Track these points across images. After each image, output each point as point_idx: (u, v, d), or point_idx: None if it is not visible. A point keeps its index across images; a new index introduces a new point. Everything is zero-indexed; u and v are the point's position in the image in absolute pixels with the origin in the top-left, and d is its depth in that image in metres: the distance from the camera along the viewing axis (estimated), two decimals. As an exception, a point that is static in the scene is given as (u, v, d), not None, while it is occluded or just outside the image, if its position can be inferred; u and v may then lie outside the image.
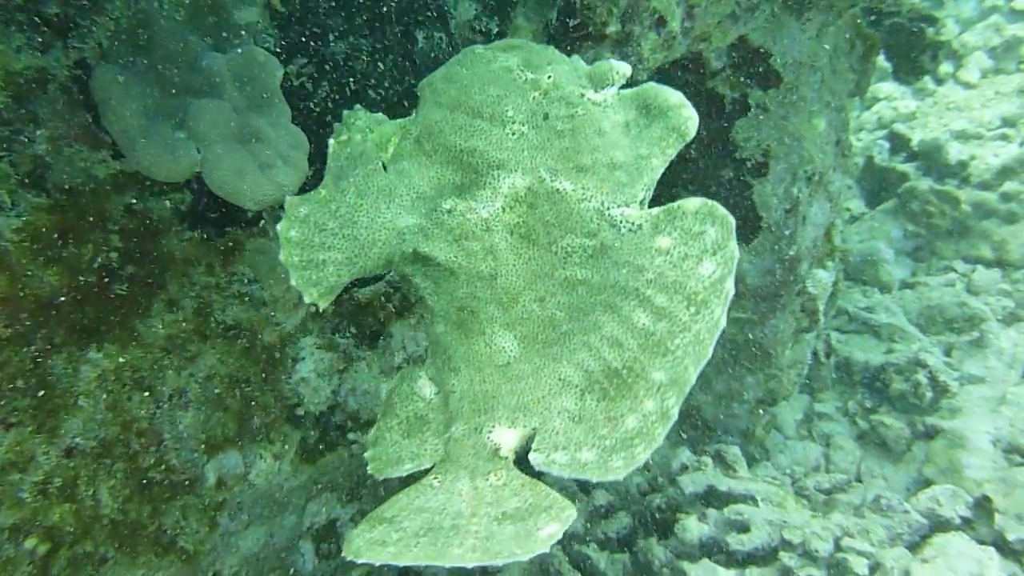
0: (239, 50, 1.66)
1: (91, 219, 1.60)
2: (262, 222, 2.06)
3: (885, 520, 2.78)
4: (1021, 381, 3.40)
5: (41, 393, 1.60)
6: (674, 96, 1.68)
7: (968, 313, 3.76)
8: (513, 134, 1.73)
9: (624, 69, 1.73)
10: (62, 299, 1.54)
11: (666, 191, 2.87)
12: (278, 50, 2.00)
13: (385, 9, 2.28)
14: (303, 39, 1.98)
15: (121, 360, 1.75)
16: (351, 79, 2.15)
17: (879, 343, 3.81)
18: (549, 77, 1.76)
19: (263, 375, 2.15)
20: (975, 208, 4.27)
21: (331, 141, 1.85)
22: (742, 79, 2.65)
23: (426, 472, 1.71)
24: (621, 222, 1.63)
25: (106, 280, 1.65)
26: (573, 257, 1.66)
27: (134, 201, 1.69)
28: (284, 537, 2.41)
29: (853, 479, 3.22)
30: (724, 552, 2.73)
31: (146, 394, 1.86)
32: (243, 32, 1.71)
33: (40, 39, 1.52)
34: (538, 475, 1.62)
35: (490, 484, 1.62)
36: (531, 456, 1.57)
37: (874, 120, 5.56)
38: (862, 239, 4.44)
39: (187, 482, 2.01)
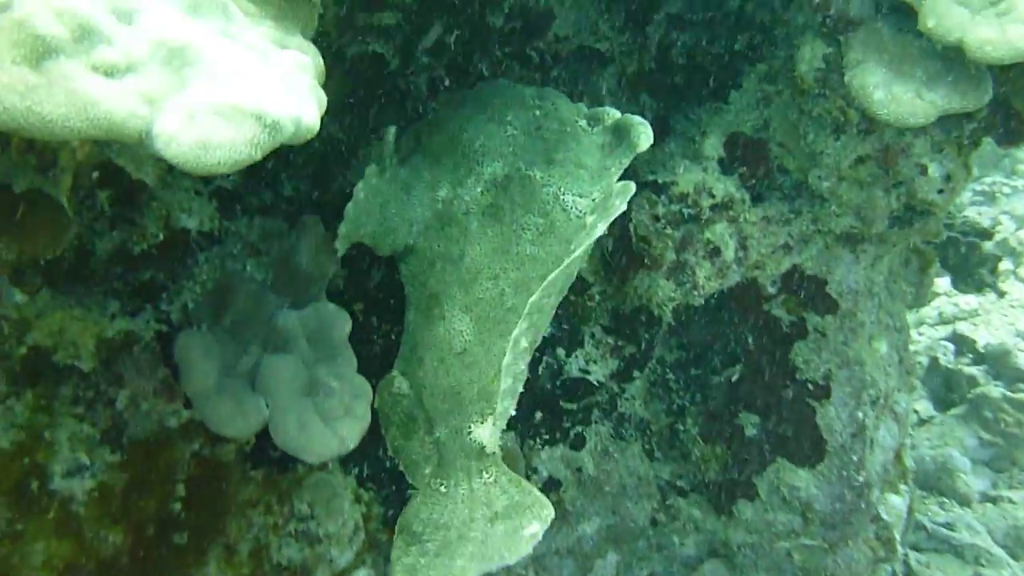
0: (311, 306, 1.77)
1: (159, 471, 1.65)
2: (322, 455, 2.09)
3: None
4: None
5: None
6: (636, 119, 1.98)
7: (1060, 538, 3.49)
8: (506, 133, 1.99)
9: (614, 114, 2.04)
10: (124, 558, 1.56)
11: (727, 410, 2.84)
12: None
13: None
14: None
15: (174, 611, 1.74)
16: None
17: (963, 566, 3.54)
18: (553, 104, 2.10)
19: (313, 613, 2.10)
20: (1053, 417, 4.09)
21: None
22: (798, 304, 2.67)
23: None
24: (572, 207, 1.91)
25: (167, 531, 1.67)
26: (526, 234, 1.90)
27: (200, 448, 1.75)
28: None
29: None
30: None
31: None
32: (317, 287, 1.82)
33: (132, 304, 1.64)
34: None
35: (483, 482, 1.84)
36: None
37: (935, 315, 5.49)
38: (933, 445, 4.25)
39: None
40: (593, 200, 1.92)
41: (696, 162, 2.56)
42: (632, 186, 1.86)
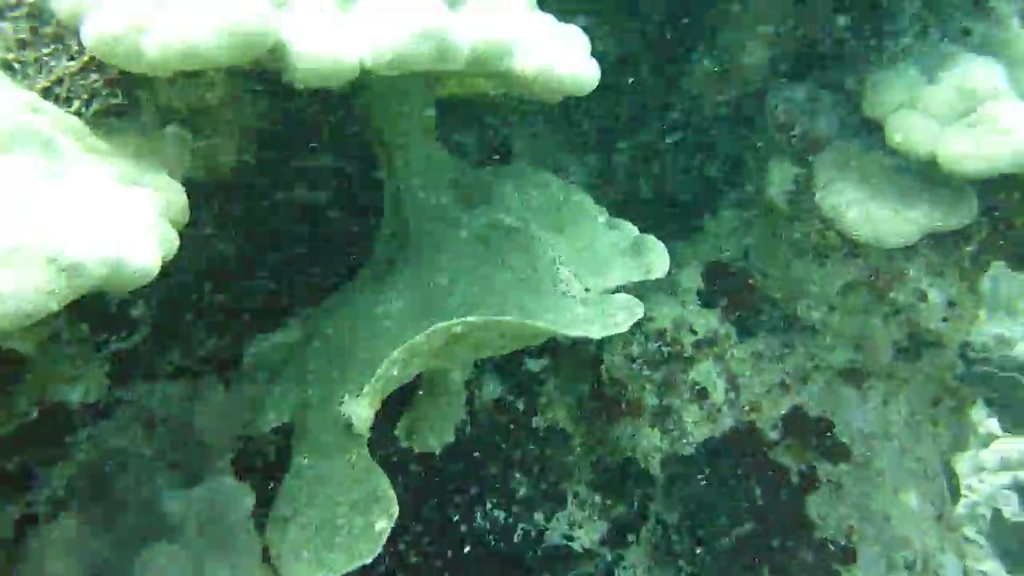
0: (205, 483, 1.52)
1: None
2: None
3: None
4: None
5: None
6: (659, 245, 1.90)
7: None
8: (525, 196, 1.97)
9: (633, 229, 1.96)
10: None
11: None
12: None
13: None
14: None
15: None
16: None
17: None
18: (576, 196, 2.03)
19: None
20: None
21: None
22: (805, 450, 2.35)
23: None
24: (563, 281, 1.79)
25: None
26: (505, 271, 1.77)
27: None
28: None
29: None
30: None
31: None
32: (218, 461, 1.58)
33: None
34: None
35: (347, 463, 1.66)
36: None
37: (996, 460, 4.97)
38: (1009, 613, 3.69)
39: None
40: (587, 290, 1.81)
41: (673, 295, 2.35)
42: (641, 309, 1.72)
